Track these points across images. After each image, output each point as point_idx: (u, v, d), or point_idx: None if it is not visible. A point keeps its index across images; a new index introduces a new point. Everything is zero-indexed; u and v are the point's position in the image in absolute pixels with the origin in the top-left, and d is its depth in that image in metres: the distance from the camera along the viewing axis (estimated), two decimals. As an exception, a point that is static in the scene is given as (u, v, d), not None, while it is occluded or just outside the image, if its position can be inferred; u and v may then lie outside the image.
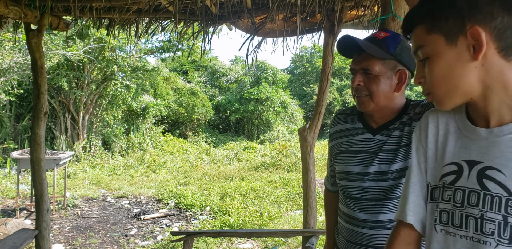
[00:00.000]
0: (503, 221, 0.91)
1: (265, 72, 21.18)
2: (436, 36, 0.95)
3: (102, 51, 12.13)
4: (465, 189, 0.98)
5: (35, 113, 3.42)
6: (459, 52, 0.92)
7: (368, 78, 1.55)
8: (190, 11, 3.20)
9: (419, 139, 1.14)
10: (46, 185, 3.50)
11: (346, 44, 1.59)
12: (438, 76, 0.96)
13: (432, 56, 0.97)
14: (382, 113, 1.61)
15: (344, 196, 1.70)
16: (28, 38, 3.36)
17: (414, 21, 1.00)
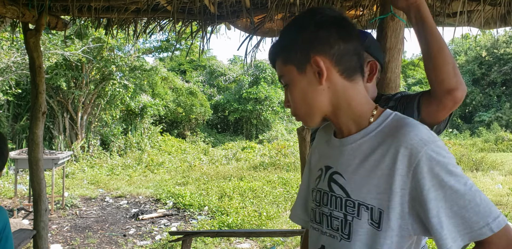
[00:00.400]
0: (344, 218, 1.08)
1: (264, 72, 21.17)
2: (290, 67, 1.10)
3: (101, 51, 12.11)
4: (321, 190, 1.17)
5: (33, 113, 3.41)
6: (309, 79, 1.08)
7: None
8: (189, 10, 3.19)
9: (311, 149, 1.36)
10: (44, 185, 3.49)
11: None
12: (297, 100, 1.12)
13: (290, 83, 1.12)
14: None
15: None
16: (26, 37, 3.35)
17: (274, 55, 1.15)
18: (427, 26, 1.37)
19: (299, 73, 1.09)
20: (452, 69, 1.34)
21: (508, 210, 6.97)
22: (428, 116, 1.45)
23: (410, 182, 0.97)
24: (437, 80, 1.36)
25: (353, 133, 1.10)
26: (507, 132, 20.06)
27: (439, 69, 1.34)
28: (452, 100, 1.36)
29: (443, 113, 1.43)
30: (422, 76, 29.64)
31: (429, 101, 1.43)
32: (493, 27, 3.10)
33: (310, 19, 1.09)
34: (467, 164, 11.43)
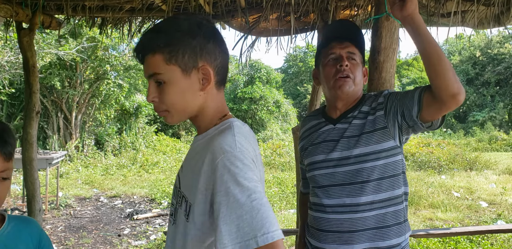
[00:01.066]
0: (175, 206, 1.24)
1: (259, 71, 21.17)
2: (174, 67, 1.13)
3: (95, 50, 12.07)
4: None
5: (27, 113, 3.39)
6: (192, 83, 1.15)
7: (352, 63, 1.70)
8: (184, 10, 3.18)
9: None
10: (38, 185, 3.47)
11: (339, 29, 1.78)
12: (173, 99, 1.16)
13: (168, 82, 1.14)
14: (349, 100, 1.73)
15: (313, 186, 1.77)
16: (19, 37, 3.33)
17: (151, 48, 1.15)
18: (423, 35, 1.47)
19: (183, 75, 1.14)
20: (453, 75, 1.43)
21: (502, 209, 7.01)
22: (428, 114, 1.53)
23: (212, 184, 1.05)
24: (442, 86, 1.44)
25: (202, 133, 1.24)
26: (500, 131, 20.19)
27: (442, 76, 1.43)
28: (455, 103, 1.45)
29: (443, 113, 1.53)
30: (416, 76, 29.77)
31: (432, 102, 1.50)
32: (486, 27, 3.11)
33: (198, 28, 1.15)
34: (461, 163, 11.49)
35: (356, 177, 1.63)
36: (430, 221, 6.47)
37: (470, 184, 9.12)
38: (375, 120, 1.64)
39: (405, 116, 1.58)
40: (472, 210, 7.08)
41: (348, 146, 1.65)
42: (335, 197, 1.66)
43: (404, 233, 1.68)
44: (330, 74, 1.71)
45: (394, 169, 1.65)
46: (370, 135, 1.63)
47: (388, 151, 1.63)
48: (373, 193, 1.62)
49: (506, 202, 7.55)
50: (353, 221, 1.63)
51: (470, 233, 3.97)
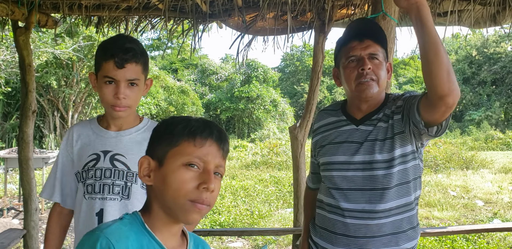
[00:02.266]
0: (124, 185, 1.59)
1: (256, 70, 21.17)
2: (143, 76, 1.62)
3: (91, 49, 12.03)
4: (102, 168, 1.60)
5: (23, 112, 3.38)
6: (142, 88, 1.64)
7: (374, 64, 1.61)
8: (180, 9, 3.17)
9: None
10: (34, 184, 3.46)
11: (359, 27, 1.70)
12: (137, 98, 1.61)
13: (139, 86, 1.60)
14: (373, 101, 1.65)
15: (329, 187, 1.71)
16: (15, 35, 3.32)
17: (139, 57, 1.58)
18: (426, 28, 1.37)
19: (144, 83, 1.64)
20: (447, 75, 1.34)
21: (498, 208, 7.04)
22: (426, 118, 1.47)
23: None
24: (431, 85, 1.37)
25: (129, 127, 1.67)
26: (496, 130, 20.27)
27: (434, 74, 1.35)
28: (444, 105, 1.38)
29: (438, 116, 1.44)
30: (413, 75, 29.84)
31: (426, 105, 1.45)
32: (483, 27, 3.12)
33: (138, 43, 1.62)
34: (457, 162, 11.53)
35: (378, 183, 1.59)
36: (427, 219, 6.49)
37: (467, 183, 9.15)
38: (394, 124, 1.59)
39: (413, 123, 1.52)
40: (468, 209, 7.11)
41: (372, 150, 1.60)
42: (354, 202, 1.62)
43: (416, 236, 1.65)
44: (351, 77, 1.63)
45: (411, 173, 1.61)
46: (392, 140, 1.58)
47: (407, 156, 1.59)
48: (392, 200, 1.59)
49: (502, 200, 7.58)
50: (370, 227, 1.59)
51: (466, 232, 3.98)
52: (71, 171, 1.67)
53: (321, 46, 3.31)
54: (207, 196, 0.98)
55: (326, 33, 3.24)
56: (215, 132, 1.04)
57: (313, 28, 3.31)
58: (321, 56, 3.34)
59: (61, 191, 1.69)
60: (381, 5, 2.12)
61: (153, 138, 1.09)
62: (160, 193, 1.01)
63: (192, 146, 1.01)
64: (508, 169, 10.81)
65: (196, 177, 0.99)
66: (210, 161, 1.01)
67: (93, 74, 1.62)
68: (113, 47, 1.53)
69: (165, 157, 1.02)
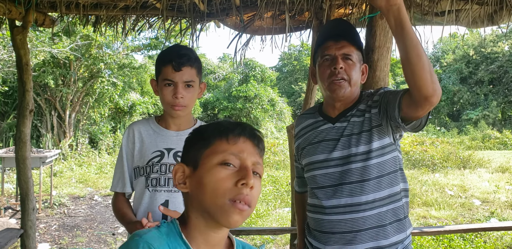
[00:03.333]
0: None
1: (254, 70, 21.17)
2: (197, 79, 1.77)
3: (89, 48, 12.01)
4: (167, 163, 1.75)
5: (20, 111, 3.37)
6: (197, 91, 1.81)
7: (348, 64, 1.67)
8: (178, 8, 3.17)
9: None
10: (31, 184, 3.45)
11: (335, 28, 1.76)
12: (193, 98, 1.78)
13: (195, 88, 1.76)
14: (346, 100, 1.71)
15: (312, 188, 1.76)
16: (12, 34, 3.31)
17: (195, 61, 1.74)
18: (406, 31, 1.37)
19: (198, 86, 1.78)
20: (430, 76, 1.37)
21: (495, 207, 7.06)
22: (407, 115, 1.52)
23: None
24: (416, 86, 1.40)
25: (184, 129, 1.83)
26: (494, 130, 20.32)
27: (417, 76, 1.37)
28: (429, 104, 1.43)
29: (421, 114, 1.50)
30: (410, 74, 29.84)
31: (409, 103, 1.48)
32: (480, 26, 3.13)
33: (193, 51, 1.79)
34: (454, 161, 11.55)
35: (357, 176, 1.62)
36: (424, 219, 6.51)
37: (464, 182, 9.18)
38: (371, 118, 1.64)
39: (390, 117, 1.57)
40: (465, 208, 7.13)
41: (349, 145, 1.64)
42: (336, 198, 1.65)
43: (405, 229, 1.67)
44: (325, 76, 1.69)
45: (391, 165, 1.65)
46: (369, 133, 1.63)
47: (385, 148, 1.63)
48: (374, 191, 1.62)
49: (499, 200, 7.60)
50: (355, 221, 1.62)
51: (463, 231, 3.99)
52: (132, 165, 1.83)
53: (318, 46, 3.31)
54: (247, 192, 0.92)
55: (324, 32, 3.24)
56: (247, 129, 1.01)
57: (311, 27, 3.31)
58: (319, 55, 3.34)
59: (129, 183, 1.84)
60: (379, 5, 2.12)
61: (186, 145, 1.06)
62: (197, 197, 0.96)
63: (225, 143, 0.97)
64: (505, 168, 10.83)
65: (233, 174, 0.94)
66: (246, 157, 0.96)
67: (154, 80, 1.82)
68: (170, 53, 1.74)
69: (199, 159, 0.98)
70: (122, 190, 1.84)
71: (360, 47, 1.73)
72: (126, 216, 1.76)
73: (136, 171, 1.81)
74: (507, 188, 8.50)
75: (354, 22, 3.27)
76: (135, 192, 1.83)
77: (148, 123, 1.86)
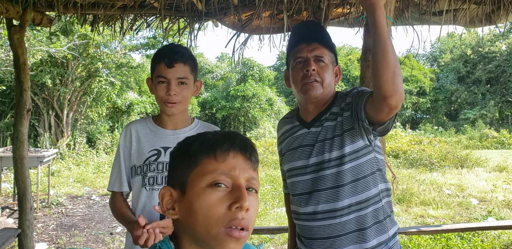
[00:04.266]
0: None
1: (252, 69, 21.16)
2: (192, 77, 1.77)
3: (87, 47, 11.99)
4: (163, 162, 1.74)
5: (18, 111, 3.36)
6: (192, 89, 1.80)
7: (320, 66, 1.66)
8: (176, 7, 3.17)
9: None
10: (29, 183, 3.45)
11: (306, 30, 1.76)
12: (187, 95, 1.77)
13: (188, 85, 1.75)
14: (319, 103, 1.70)
15: (292, 194, 1.75)
16: (10, 34, 3.30)
17: (188, 59, 1.73)
18: (376, 29, 1.42)
19: (193, 83, 1.77)
20: (392, 77, 1.37)
21: (492, 207, 7.08)
22: (371, 117, 1.50)
23: None
24: (376, 85, 1.40)
25: (180, 127, 1.83)
26: (491, 129, 20.35)
27: (379, 75, 1.38)
28: (387, 106, 1.40)
29: (382, 117, 1.47)
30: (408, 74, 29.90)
31: (371, 104, 1.47)
32: (478, 26, 3.13)
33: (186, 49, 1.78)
34: (452, 161, 11.57)
35: (332, 182, 1.61)
36: (422, 218, 6.52)
37: (461, 181, 9.19)
38: (343, 121, 1.62)
39: (359, 119, 1.54)
40: (463, 207, 7.14)
41: (323, 150, 1.63)
42: (312, 204, 1.64)
43: (386, 230, 1.64)
44: (298, 78, 1.68)
45: (368, 168, 1.62)
46: (341, 137, 1.61)
47: (360, 151, 1.60)
48: (349, 196, 1.60)
49: (496, 199, 7.61)
50: (334, 226, 1.61)
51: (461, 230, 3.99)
52: (129, 164, 1.84)
53: (316, 45, 3.31)
54: (242, 216, 0.83)
55: (322, 32, 3.25)
56: (237, 141, 0.89)
57: (309, 27, 3.31)
58: (317, 55, 3.34)
59: (127, 182, 1.84)
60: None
61: (171, 164, 0.95)
62: (189, 225, 0.86)
63: (213, 161, 0.86)
64: (503, 167, 10.86)
65: (225, 197, 0.84)
66: (238, 175, 0.86)
67: (149, 79, 1.82)
68: (164, 51, 1.74)
69: (187, 182, 0.87)
70: (119, 189, 1.84)
71: (332, 48, 1.72)
72: (126, 215, 1.76)
73: (133, 170, 1.82)
74: (505, 187, 8.52)
75: (352, 22, 3.28)
76: (133, 191, 1.84)
77: (145, 122, 1.87)
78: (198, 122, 1.90)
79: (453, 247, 4.83)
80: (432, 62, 35.18)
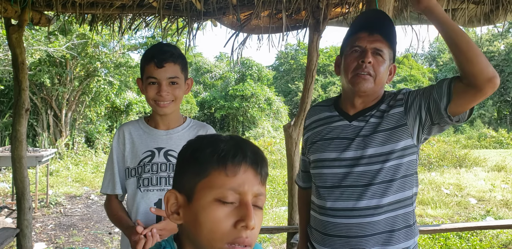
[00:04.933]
0: None
1: (250, 69, 21.16)
2: (182, 76, 1.75)
3: (85, 47, 11.97)
4: (158, 163, 1.75)
5: (16, 110, 3.36)
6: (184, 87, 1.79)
7: (377, 60, 1.56)
8: (175, 7, 3.17)
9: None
10: (27, 183, 3.44)
11: (373, 19, 1.65)
12: (180, 95, 1.76)
13: (180, 84, 1.74)
14: (369, 98, 1.61)
15: (318, 186, 1.66)
16: (8, 33, 3.30)
17: (177, 58, 1.71)
18: (446, 25, 1.45)
19: (184, 82, 1.77)
20: (485, 60, 1.39)
21: (491, 206, 7.09)
22: (460, 105, 1.46)
23: None
24: (475, 71, 1.39)
25: (173, 127, 1.83)
26: (489, 128, 20.39)
27: (474, 62, 1.39)
28: (493, 87, 1.40)
29: (478, 101, 1.46)
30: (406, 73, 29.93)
31: (466, 91, 1.43)
32: (476, 26, 3.14)
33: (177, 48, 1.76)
34: (450, 160, 11.59)
35: (368, 179, 1.54)
36: (420, 217, 6.53)
37: (460, 181, 9.21)
38: (393, 117, 1.55)
39: (431, 111, 1.49)
40: (461, 207, 7.15)
41: (363, 145, 1.55)
42: (344, 200, 1.56)
43: (413, 236, 1.60)
44: (350, 68, 1.58)
45: (407, 169, 1.56)
46: (387, 133, 1.54)
47: (404, 150, 1.54)
48: (384, 196, 1.54)
49: (494, 198, 7.63)
50: (363, 226, 1.54)
51: (459, 230, 4.01)
52: (123, 167, 1.82)
53: (315, 45, 3.31)
54: (247, 235, 0.83)
55: (321, 31, 3.25)
56: (249, 154, 0.87)
57: (308, 26, 3.31)
58: (316, 54, 3.34)
59: (120, 184, 1.83)
60: (375, 4, 2.12)
61: (179, 166, 0.93)
62: (193, 234, 0.87)
63: (223, 175, 0.84)
64: (501, 167, 10.88)
65: (232, 213, 0.83)
66: (246, 191, 0.85)
67: (140, 80, 1.80)
68: (152, 51, 1.72)
69: (194, 191, 0.87)
70: (112, 192, 1.83)
71: (393, 45, 1.63)
72: (122, 220, 1.75)
73: (127, 172, 1.81)
74: (503, 187, 8.54)
75: (351, 21, 3.28)
76: (128, 194, 1.82)
77: (137, 124, 1.85)
78: (191, 121, 1.89)
79: (451, 247, 4.84)
80: (431, 62, 35.22)
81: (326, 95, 25.82)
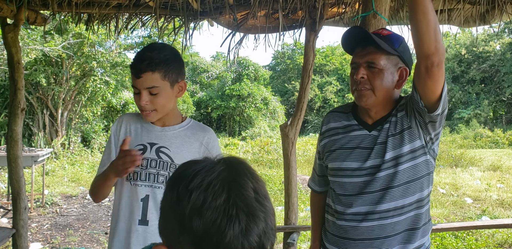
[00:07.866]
0: (168, 175, 1.69)
1: (247, 68, 21.17)
2: (166, 82, 1.66)
3: (81, 46, 11.94)
4: (148, 158, 1.72)
5: (12, 110, 3.35)
6: (173, 92, 1.70)
7: (372, 72, 1.57)
8: (171, 6, 3.17)
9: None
10: (23, 183, 3.43)
11: (352, 36, 1.64)
12: (162, 103, 1.68)
13: (161, 92, 1.66)
14: (379, 108, 1.62)
15: (338, 194, 1.67)
16: (4, 32, 3.29)
17: (156, 66, 1.61)
18: None
19: (170, 87, 1.68)
20: (434, 33, 1.36)
21: (486, 205, 7.12)
22: (423, 95, 1.46)
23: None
24: (419, 44, 1.38)
25: (171, 125, 1.80)
26: (485, 128, 20.46)
27: (421, 34, 1.37)
28: (430, 64, 1.38)
29: (423, 82, 1.43)
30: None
31: (416, 74, 1.45)
32: (472, 26, 3.15)
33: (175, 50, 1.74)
34: (446, 160, 11.62)
35: (387, 183, 1.57)
36: (416, 217, 6.54)
37: (456, 181, 9.24)
38: (401, 121, 1.59)
39: (415, 110, 1.53)
40: (457, 206, 7.17)
41: (382, 153, 1.58)
42: (366, 205, 1.60)
43: (428, 232, 1.66)
44: (351, 85, 1.64)
45: (422, 169, 1.59)
46: (397, 137, 1.57)
47: (416, 151, 1.57)
48: (403, 197, 1.58)
49: (490, 198, 7.66)
50: (384, 227, 1.59)
51: (455, 229, 4.02)
52: (115, 156, 1.79)
53: (312, 45, 3.32)
54: None
55: (317, 31, 3.26)
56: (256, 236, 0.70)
57: (304, 26, 3.32)
58: (312, 54, 3.35)
59: None
60: (372, 4, 2.12)
61: (164, 210, 0.77)
62: None
63: None
64: (497, 166, 10.92)
65: None
66: None
67: None
68: (135, 58, 1.69)
69: None
70: None
71: (393, 50, 1.58)
72: (100, 174, 1.80)
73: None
74: (498, 186, 8.57)
75: (347, 21, 3.29)
76: (116, 185, 1.81)
77: (138, 117, 1.85)
78: (190, 121, 1.87)
79: (447, 246, 4.86)
80: (427, 62, 35.27)
81: (323, 95, 25.86)
